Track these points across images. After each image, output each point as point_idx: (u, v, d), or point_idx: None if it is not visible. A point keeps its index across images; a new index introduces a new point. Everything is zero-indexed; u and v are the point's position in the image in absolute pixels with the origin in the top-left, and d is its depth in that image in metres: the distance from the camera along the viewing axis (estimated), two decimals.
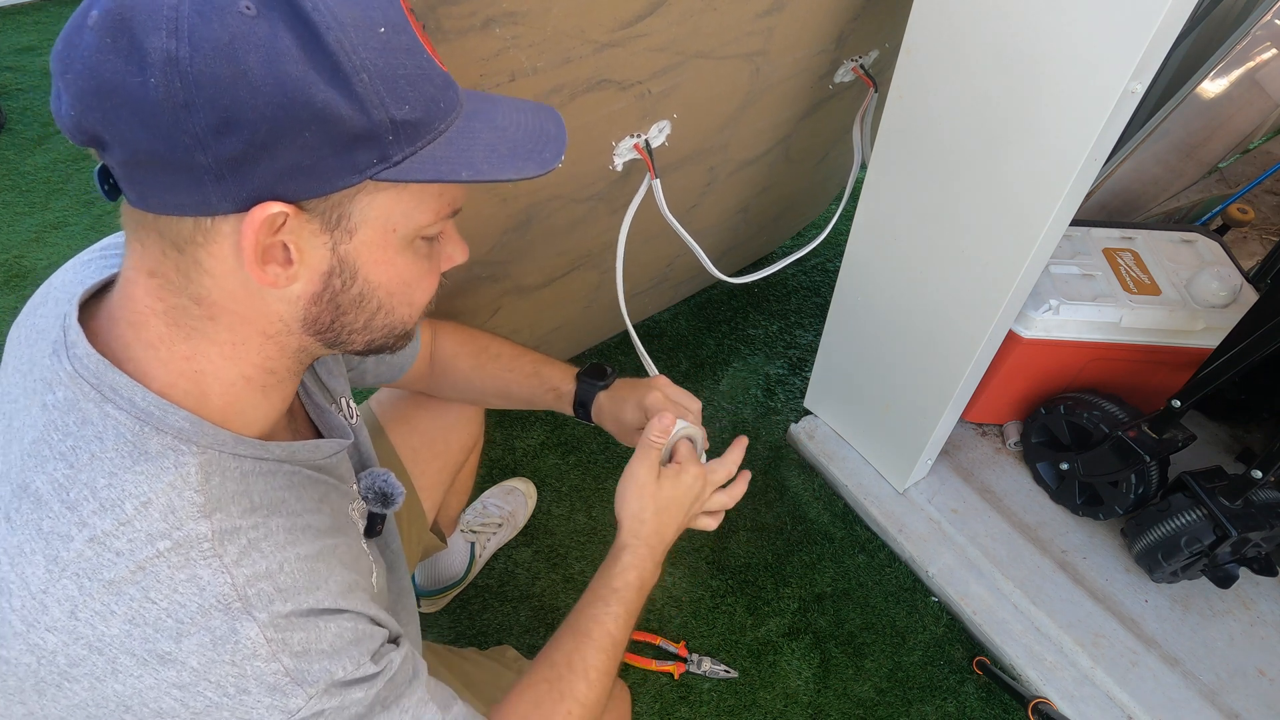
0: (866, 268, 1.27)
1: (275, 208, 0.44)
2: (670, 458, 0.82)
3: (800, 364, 1.77)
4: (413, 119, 0.46)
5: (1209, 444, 1.52)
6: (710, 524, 0.84)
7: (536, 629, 1.32)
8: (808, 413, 1.61)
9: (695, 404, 0.87)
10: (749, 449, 1.58)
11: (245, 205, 0.44)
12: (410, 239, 0.52)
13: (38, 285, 1.82)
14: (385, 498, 0.71)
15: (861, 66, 1.24)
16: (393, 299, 0.54)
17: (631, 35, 0.85)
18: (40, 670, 0.45)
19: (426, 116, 0.47)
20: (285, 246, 0.46)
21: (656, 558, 0.77)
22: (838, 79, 1.25)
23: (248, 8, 0.40)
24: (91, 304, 0.53)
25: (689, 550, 1.43)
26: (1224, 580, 1.24)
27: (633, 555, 0.76)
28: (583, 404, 0.91)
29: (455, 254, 0.59)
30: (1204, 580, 1.30)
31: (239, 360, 0.51)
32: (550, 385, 0.92)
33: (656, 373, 0.94)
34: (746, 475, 0.86)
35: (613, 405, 0.89)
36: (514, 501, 1.44)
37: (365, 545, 0.66)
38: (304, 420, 0.67)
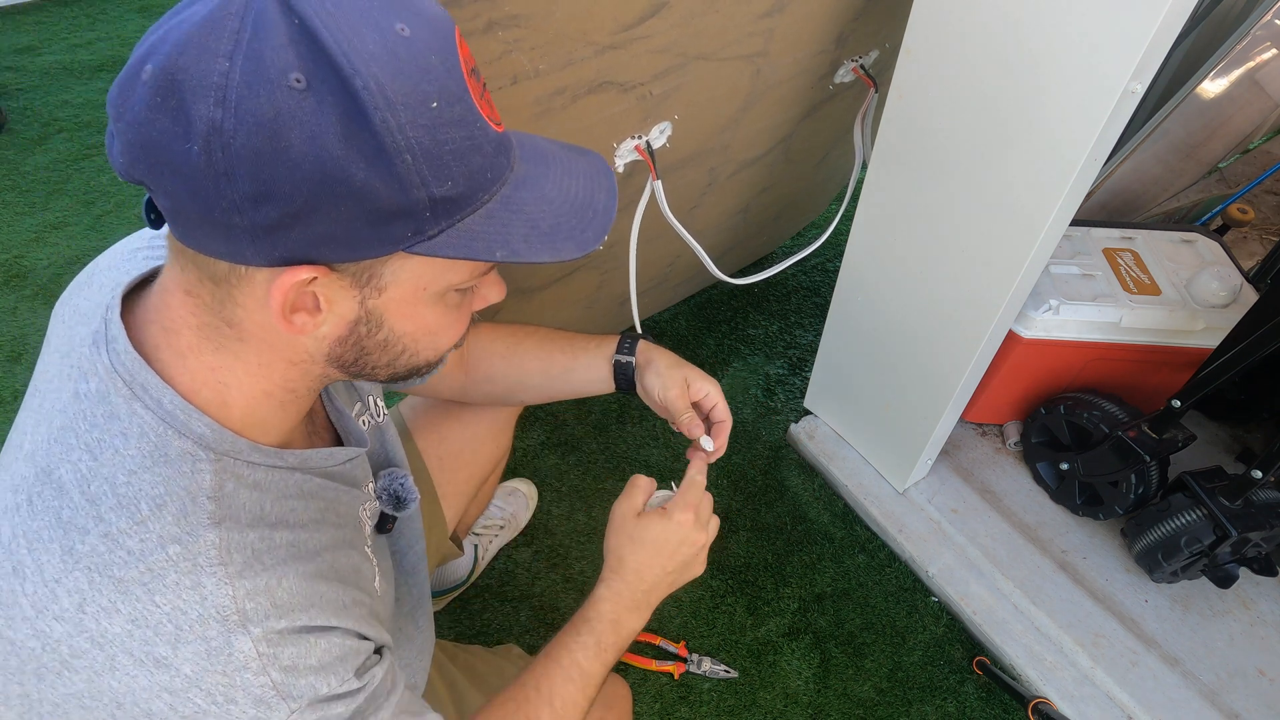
0: (867, 268, 1.27)
1: (305, 273, 0.45)
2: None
3: (800, 364, 1.77)
4: (454, 195, 0.45)
5: (1209, 444, 1.52)
6: (703, 557, 0.80)
7: (537, 629, 1.32)
8: (808, 413, 1.61)
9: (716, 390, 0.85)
10: (750, 449, 1.59)
11: (277, 263, 0.45)
12: (442, 294, 0.52)
13: (38, 285, 1.82)
14: (399, 501, 0.71)
15: (862, 67, 1.24)
16: (418, 344, 0.54)
17: (633, 37, 0.85)
18: (43, 656, 0.46)
19: (469, 190, 0.46)
20: (315, 296, 0.47)
21: (635, 597, 0.75)
22: (838, 79, 1.25)
23: (297, 80, 0.40)
24: (132, 296, 0.54)
25: None
26: (1224, 580, 1.24)
27: (607, 588, 0.75)
28: (629, 348, 0.86)
29: (490, 295, 0.58)
30: (1204, 580, 1.30)
31: (263, 379, 0.52)
32: (594, 341, 0.88)
33: None
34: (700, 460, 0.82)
35: (659, 364, 0.84)
36: (515, 503, 1.44)
37: (369, 551, 0.66)
38: (323, 422, 0.67)
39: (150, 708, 0.46)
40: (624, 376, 0.87)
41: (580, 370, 0.89)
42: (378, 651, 0.58)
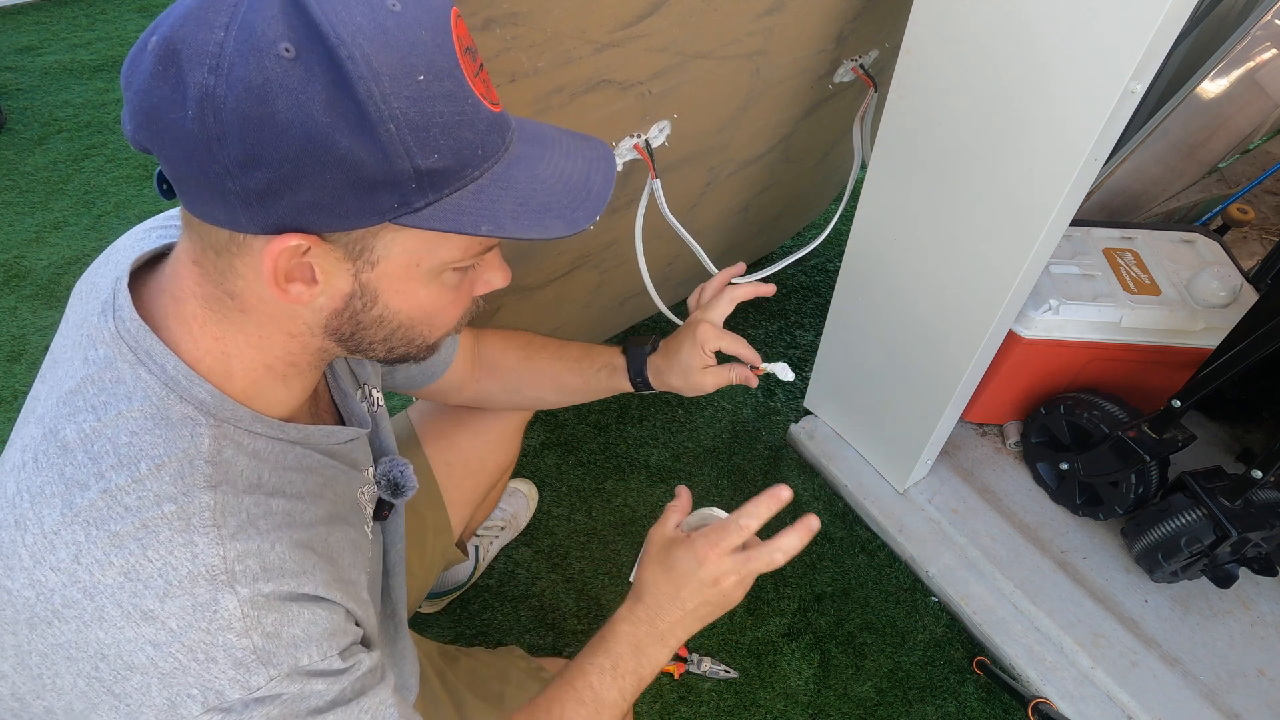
0: (866, 267, 1.27)
1: (294, 240, 0.46)
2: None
3: (800, 364, 1.77)
4: (440, 167, 0.46)
5: (1209, 444, 1.52)
6: (738, 595, 0.73)
7: (536, 629, 1.32)
8: (808, 413, 1.61)
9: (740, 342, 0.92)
10: (750, 449, 1.59)
11: (270, 230, 0.46)
12: (437, 272, 0.52)
13: (38, 285, 1.83)
14: (396, 487, 0.72)
15: (861, 66, 1.24)
16: (414, 322, 0.55)
17: (632, 36, 0.85)
18: (37, 605, 0.47)
19: (458, 164, 0.47)
20: (311, 267, 0.48)
21: (656, 628, 0.71)
22: (838, 79, 1.25)
23: (287, 50, 0.42)
24: (144, 271, 0.56)
25: None
26: (1224, 580, 1.24)
27: (628, 612, 0.72)
28: (639, 372, 0.92)
29: (493, 280, 0.59)
30: (1204, 580, 1.30)
31: (263, 351, 0.53)
32: (603, 362, 0.93)
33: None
34: (805, 529, 0.72)
35: (670, 360, 0.90)
36: (515, 503, 1.44)
37: (369, 531, 0.67)
38: (327, 404, 0.69)
39: (133, 660, 0.47)
40: (644, 385, 0.93)
41: (597, 392, 0.95)
42: (365, 644, 0.58)
